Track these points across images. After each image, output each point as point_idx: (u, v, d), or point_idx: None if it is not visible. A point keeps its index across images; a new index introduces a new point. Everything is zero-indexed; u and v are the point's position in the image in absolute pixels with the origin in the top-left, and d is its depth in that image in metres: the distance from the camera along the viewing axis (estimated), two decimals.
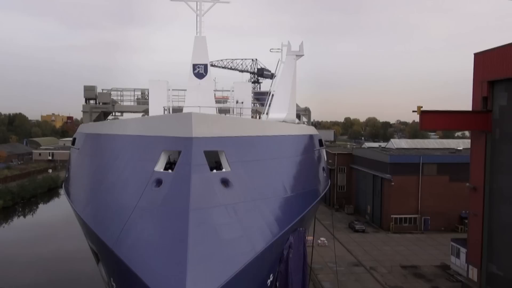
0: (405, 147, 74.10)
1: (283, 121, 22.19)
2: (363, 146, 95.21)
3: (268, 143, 18.13)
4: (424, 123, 36.68)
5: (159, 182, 14.49)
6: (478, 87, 37.92)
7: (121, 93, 30.22)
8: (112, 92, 29.97)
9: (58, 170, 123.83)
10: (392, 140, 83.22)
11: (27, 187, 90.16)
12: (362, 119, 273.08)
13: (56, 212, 68.75)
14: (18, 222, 75.26)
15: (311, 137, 22.17)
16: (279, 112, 24.89)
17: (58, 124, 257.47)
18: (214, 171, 15.08)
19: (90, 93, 29.74)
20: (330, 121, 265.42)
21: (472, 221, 39.19)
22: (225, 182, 14.77)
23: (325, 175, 22.78)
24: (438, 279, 42.68)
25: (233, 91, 25.71)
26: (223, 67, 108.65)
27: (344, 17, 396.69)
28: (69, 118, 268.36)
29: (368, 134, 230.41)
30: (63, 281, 41.34)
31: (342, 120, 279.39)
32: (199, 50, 22.20)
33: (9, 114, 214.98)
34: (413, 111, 37.17)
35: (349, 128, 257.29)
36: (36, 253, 51.56)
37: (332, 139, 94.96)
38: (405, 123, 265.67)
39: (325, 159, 24.65)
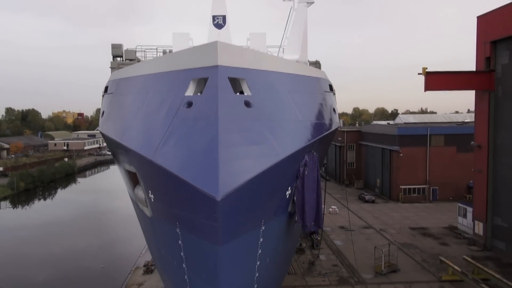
0: (413, 121, 75.57)
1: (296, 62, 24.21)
2: (372, 124, 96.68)
3: (285, 79, 20.04)
4: (428, 84, 38.28)
5: (190, 104, 16.42)
6: (481, 48, 39.49)
7: (145, 52, 32.65)
8: (137, 50, 32.51)
9: (74, 159, 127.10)
10: (400, 115, 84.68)
11: (46, 172, 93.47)
12: (371, 110, 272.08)
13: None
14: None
15: (323, 80, 24.13)
16: (292, 54, 26.88)
17: (69, 120, 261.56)
18: (238, 94, 17.07)
19: (117, 50, 32.43)
20: (339, 113, 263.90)
21: (477, 178, 40.90)
22: (247, 104, 16.68)
23: (335, 114, 24.75)
24: (445, 237, 44.39)
25: (249, 40, 27.74)
26: None
27: (350, 9, 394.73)
28: (80, 114, 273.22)
29: None
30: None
31: (350, 111, 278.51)
32: (218, 2, 24.17)
33: (22, 110, 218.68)
34: (419, 74, 38.82)
35: (357, 118, 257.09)
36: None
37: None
38: (414, 113, 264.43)
39: (336, 103, 26.53)
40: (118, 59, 32.36)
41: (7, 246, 48.86)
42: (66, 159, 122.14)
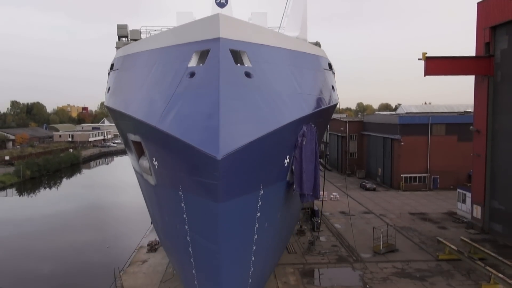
0: (415, 111, 75.96)
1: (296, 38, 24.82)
2: (374, 114, 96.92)
3: (285, 53, 20.66)
4: (428, 68, 38.75)
5: (192, 74, 17.13)
6: (480, 34, 39.92)
7: (149, 33, 33.27)
8: (141, 31, 33.25)
9: (79, 150, 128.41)
10: (402, 105, 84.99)
11: (52, 161, 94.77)
12: (375, 105, 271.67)
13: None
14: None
15: (322, 58, 24.72)
16: (293, 31, 27.49)
17: (73, 114, 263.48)
18: (238, 65, 17.73)
19: (122, 31, 33.26)
20: (342, 108, 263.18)
21: (476, 162, 41.45)
22: (247, 74, 17.34)
23: (334, 92, 25.36)
24: (444, 221, 45.04)
25: (250, 20, 28.33)
26: None
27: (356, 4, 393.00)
28: (84, 108, 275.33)
29: None
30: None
31: (354, 107, 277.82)
32: None
33: (27, 103, 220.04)
34: (419, 59, 39.33)
35: (361, 113, 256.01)
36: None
37: None
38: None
39: (335, 81, 27.12)
40: (124, 39, 33.21)
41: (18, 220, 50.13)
42: (71, 150, 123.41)
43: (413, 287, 28.03)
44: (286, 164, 19.18)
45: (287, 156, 19.03)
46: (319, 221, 42.22)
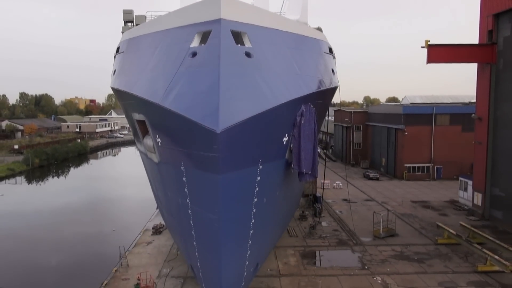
0: (419, 102, 75.98)
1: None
2: (378, 104, 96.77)
3: (285, 36, 21.18)
4: (431, 56, 38.96)
5: (194, 54, 17.76)
6: (484, 21, 40.02)
7: (154, 17, 33.76)
8: (147, 16, 33.88)
9: (86, 140, 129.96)
10: (406, 96, 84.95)
11: (60, 150, 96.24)
12: (382, 99, 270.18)
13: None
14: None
15: (322, 42, 25.20)
16: (293, 14, 27.98)
17: (81, 106, 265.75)
18: (239, 45, 18.30)
19: (128, 16, 33.94)
20: (349, 102, 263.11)
21: (477, 150, 41.75)
22: (248, 54, 17.92)
23: (334, 75, 25.84)
24: (445, 209, 45.44)
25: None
26: None
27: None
28: (92, 101, 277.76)
29: None
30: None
31: (361, 100, 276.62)
32: None
33: (36, 95, 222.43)
34: (422, 47, 39.57)
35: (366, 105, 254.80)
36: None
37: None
38: None
39: (335, 66, 27.54)
40: (130, 24, 33.90)
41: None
42: (78, 140, 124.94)
43: (411, 268, 28.62)
44: (285, 142, 19.75)
45: (286, 135, 19.61)
46: (321, 206, 42.88)
